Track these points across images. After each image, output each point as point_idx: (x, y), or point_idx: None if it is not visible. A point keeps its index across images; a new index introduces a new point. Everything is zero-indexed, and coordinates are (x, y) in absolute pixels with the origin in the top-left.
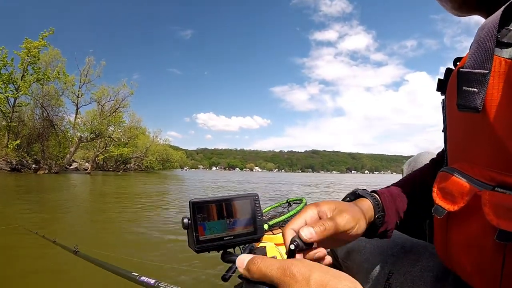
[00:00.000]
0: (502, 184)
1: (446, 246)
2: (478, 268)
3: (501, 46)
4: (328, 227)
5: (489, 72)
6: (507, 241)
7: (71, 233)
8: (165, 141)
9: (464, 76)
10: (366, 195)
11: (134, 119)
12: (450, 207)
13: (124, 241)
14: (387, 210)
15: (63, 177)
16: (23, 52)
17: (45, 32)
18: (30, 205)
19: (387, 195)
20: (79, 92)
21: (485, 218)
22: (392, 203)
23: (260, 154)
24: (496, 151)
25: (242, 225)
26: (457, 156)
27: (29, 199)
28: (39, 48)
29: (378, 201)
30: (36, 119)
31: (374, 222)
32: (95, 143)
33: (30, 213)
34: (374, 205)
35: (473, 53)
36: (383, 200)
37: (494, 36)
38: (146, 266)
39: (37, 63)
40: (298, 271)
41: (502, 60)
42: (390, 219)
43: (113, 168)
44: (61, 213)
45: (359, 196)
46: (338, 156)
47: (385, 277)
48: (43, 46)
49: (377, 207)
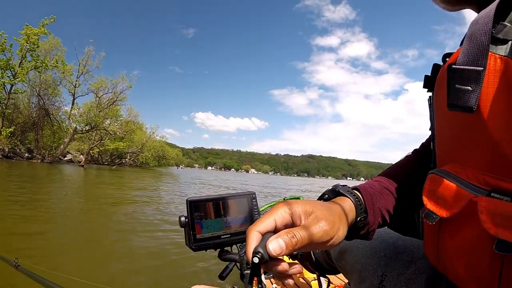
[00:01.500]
0: (498, 189)
1: (438, 252)
2: (473, 274)
3: (496, 43)
4: (300, 239)
5: (484, 69)
6: (506, 252)
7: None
8: (162, 138)
9: (456, 73)
10: (346, 193)
11: (132, 113)
12: (443, 213)
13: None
14: (369, 209)
15: (54, 168)
16: (22, 38)
17: (46, 20)
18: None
19: (369, 192)
20: (76, 82)
21: (481, 225)
22: (375, 200)
23: (257, 156)
24: (491, 153)
25: (239, 223)
26: (447, 157)
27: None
28: (38, 36)
29: (360, 200)
30: (32, 107)
31: (356, 224)
32: (90, 135)
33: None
34: (356, 205)
35: (466, 49)
36: (365, 198)
37: (488, 31)
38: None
39: (36, 51)
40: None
41: (497, 57)
42: (373, 219)
43: (107, 162)
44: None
45: (339, 194)
46: (335, 162)
47: (378, 279)
48: (43, 34)
49: (359, 207)
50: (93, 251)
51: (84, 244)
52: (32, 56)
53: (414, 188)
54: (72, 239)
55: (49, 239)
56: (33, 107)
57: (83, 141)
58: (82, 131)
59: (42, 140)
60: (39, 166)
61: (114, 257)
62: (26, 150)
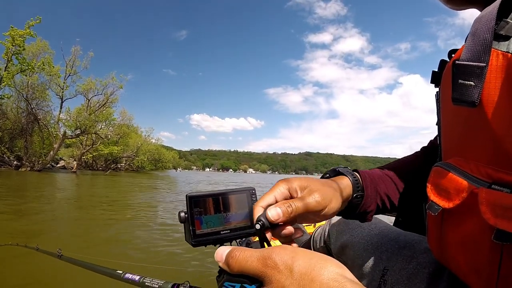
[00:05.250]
0: (499, 181)
1: (440, 243)
2: (474, 267)
3: (499, 39)
4: (295, 208)
5: (487, 65)
6: (505, 241)
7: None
8: (157, 141)
9: (460, 69)
10: (346, 173)
11: (126, 116)
12: (445, 204)
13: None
14: (366, 189)
15: (45, 175)
16: (7, 40)
17: (32, 21)
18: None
19: (368, 176)
20: (64, 84)
21: (482, 216)
22: (372, 184)
23: (254, 155)
24: (493, 147)
25: (238, 219)
26: (452, 151)
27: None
28: (23, 37)
29: (358, 179)
30: (20, 112)
31: (352, 201)
32: (82, 140)
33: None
34: (353, 183)
35: (470, 45)
36: (363, 179)
37: (491, 28)
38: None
39: (22, 53)
40: (280, 259)
41: (500, 53)
42: (370, 200)
43: (102, 168)
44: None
45: (339, 174)
46: (332, 158)
47: (380, 274)
48: (28, 35)
49: (356, 186)
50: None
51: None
52: (17, 59)
53: (418, 182)
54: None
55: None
56: (21, 112)
57: (76, 146)
58: (72, 136)
59: (31, 147)
60: (28, 174)
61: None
62: (15, 158)
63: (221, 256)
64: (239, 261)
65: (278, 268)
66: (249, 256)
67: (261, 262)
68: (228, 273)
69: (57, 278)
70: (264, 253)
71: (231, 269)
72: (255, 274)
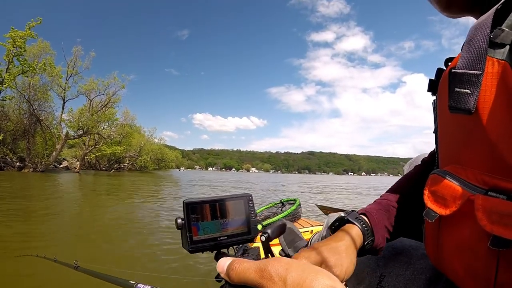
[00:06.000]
0: (495, 188)
1: (437, 250)
2: (470, 273)
3: (494, 47)
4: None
5: (482, 73)
6: (501, 247)
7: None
8: (160, 140)
9: (456, 77)
10: (354, 221)
11: (128, 116)
12: (442, 211)
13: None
14: (376, 233)
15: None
16: (8, 42)
17: (32, 22)
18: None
19: (376, 216)
20: (65, 85)
21: (478, 223)
22: (382, 221)
23: (257, 155)
24: (489, 154)
25: (235, 225)
26: (449, 158)
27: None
28: (24, 38)
29: (367, 225)
30: (22, 114)
31: (364, 247)
32: (84, 140)
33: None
34: (363, 231)
35: (465, 54)
36: (372, 223)
37: (487, 36)
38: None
39: (23, 54)
40: (274, 271)
41: (495, 61)
42: (380, 241)
43: (106, 167)
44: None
45: (347, 222)
46: (335, 158)
47: (377, 280)
48: (29, 37)
49: (366, 233)
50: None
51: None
52: (19, 60)
53: (419, 197)
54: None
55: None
56: (23, 113)
57: (79, 146)
58: (74, 137)
59: (34, 148)
60: (30, 175)
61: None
62: (18, 159)
63: (222, 268)
64: (238, 273)
65: (273, 280)
66: (247, 268)
67: (258, 274)
68: (230, 283)
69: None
70: (261, 265)
71: (232, 280)
72: (253, 285)
